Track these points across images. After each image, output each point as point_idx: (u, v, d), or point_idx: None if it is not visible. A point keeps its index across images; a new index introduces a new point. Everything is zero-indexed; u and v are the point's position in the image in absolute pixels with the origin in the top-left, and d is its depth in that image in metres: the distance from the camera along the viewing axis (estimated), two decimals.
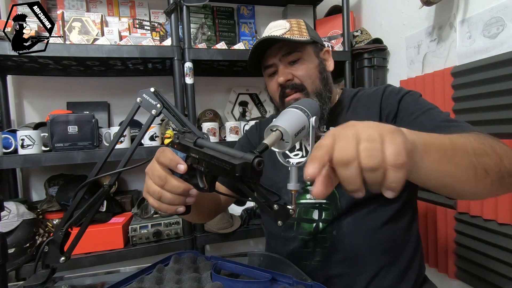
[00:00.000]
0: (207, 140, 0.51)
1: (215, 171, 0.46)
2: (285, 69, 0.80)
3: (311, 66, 0.80)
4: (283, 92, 0.80)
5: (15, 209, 1.16)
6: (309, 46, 0.81)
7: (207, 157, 0.46)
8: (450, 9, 1.16)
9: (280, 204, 0.47)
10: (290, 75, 0.79)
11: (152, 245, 1.31)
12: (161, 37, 1.45)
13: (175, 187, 0.51)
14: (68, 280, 0.68)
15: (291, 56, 0.79)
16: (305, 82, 0.79)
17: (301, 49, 0.80)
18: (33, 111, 1.54)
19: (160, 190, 0.52)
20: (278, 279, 0.58)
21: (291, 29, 0.79)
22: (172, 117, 0.58)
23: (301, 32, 0.80)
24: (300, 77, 0.79)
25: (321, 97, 0.79)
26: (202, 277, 0.59)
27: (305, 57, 0.80)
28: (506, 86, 0.94)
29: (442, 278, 1.18)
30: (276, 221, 0.47)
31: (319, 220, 0.75)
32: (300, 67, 0.80)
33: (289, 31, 0.79)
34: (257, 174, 0.41)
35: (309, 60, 0.81)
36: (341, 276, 0.73)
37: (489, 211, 0.99)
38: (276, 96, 0.83)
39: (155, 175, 0.52)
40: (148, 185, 0.53)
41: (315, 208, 0.76)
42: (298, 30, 0.80)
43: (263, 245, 1.74)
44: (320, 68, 0.82)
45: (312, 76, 0.80)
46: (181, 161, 0.51)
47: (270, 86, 0.84)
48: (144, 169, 0.54)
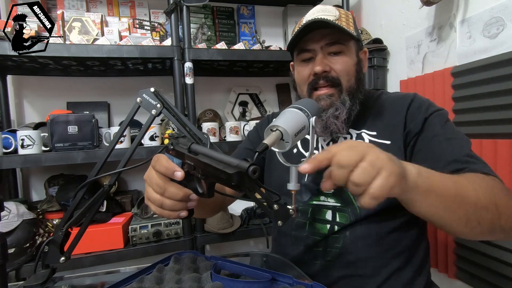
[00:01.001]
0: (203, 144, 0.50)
1: (211, 178, 0.46)
2: (324, 59, 0.74)
3: (350, 62, 0.76)
4: (316, 82, 0.75)
5: (15, 209, 1.16)
6: (352, 41, 0.76)
7: (202, 165, 0.46)
8: (450, 9, 1.16)
9: (280, 204, 0.47)
10: (328, 66, 0.74)
11: (152, 245, 1.31)
12: (161, 37, 1.45)
13: (175, 194, 0.51)
14: (68, 280, 0.68)
15: (335, 46, 0.74)
16: (342, 78, 0.75)
17: (346, 42, 0.75)
18: (33, 111, 1.54)
19: (160, 197, 0.52)
20: (278, 279, 0.58)
21: (340, 18, 0.74)
22: (172, 117, 0.58)
23: (349, 25, 0.74)
24: (338, 71, 0.74)
25: (352, 96, 0.75)
26: (202, 277, 0.59)
27: (346, 52, 0.75)
28: (506, 86, 0.94)
29: (442, 278, 1.18)
30: (276, 221, 0.47)
31: (334, 222, 0.74)
32: (340, 61, 0.75)
33: (338, 20, 0.73)
34: (253, 182, 0.42)
35: (350, 56, 0.76)
36: (349, 278, 0.72)
37: None
38: (304, 84, 0.78)
39: (153, 183, 0.52)
40: (149, 193, 0.53)
41: (328, 209, 0.75)
42: (346, 22, 0.75)
43: (263, 245, 1.74)
44: (358, 67, 0.78)
45: (350, 73, 0.75)
46: (177, 168, 0.51)
47: (301, 73, 0.78)
48: (144, 169, 0.54)
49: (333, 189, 0.47)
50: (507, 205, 0.56)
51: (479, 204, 0.53)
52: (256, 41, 1.62)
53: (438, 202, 0.51)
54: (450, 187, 0.52)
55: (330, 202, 0.76)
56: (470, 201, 0.53)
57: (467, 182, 0.55)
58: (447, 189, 0.52)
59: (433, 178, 0.52)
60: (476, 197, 0.53)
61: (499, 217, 0.54)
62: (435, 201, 0.51)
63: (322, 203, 0.76)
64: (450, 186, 0.52)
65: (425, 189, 0.49)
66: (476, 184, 0.55)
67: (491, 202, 0.54)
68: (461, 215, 0.52)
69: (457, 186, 0.53)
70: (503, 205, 0.55)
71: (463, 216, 0.52)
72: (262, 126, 0.95)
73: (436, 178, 0.52)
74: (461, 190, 0.53)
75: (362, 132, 0.78)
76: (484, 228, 0.54)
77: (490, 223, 0.54)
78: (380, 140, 0.75)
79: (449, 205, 0.52)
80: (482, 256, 1.03)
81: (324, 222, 0.75)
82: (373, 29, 1.61)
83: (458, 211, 0.52)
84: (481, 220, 0.53)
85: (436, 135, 0.69)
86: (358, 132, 0.78)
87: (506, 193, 0.58)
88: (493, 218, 0.54)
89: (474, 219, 0.53)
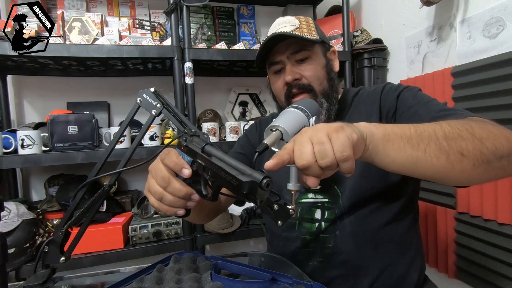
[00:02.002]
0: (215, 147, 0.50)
1: (220, 182, 0.46)
2: (293, 67, 0.78)
3: (319, 66, 0.78)
4: (289, 91, 0.78)
5: (15, 209, 1.16)
6: (317, 45, 0.79)
7: (215, 167, 0.46)
8: (450, 9, 1.16)
9: (280, 204, 0.47)
10: (298, 74, 0.77)
11: (152, 245, 1.31)
12: (161, 37, 1.45)
13: (177, 190, 0.50)
14: (68, 280, 0.68)
15: (300, 54, 0.77)
16: (313, 83, 0.77)
17: (310, 47, 0.77)
18: (33, 111, 1.54)
19: (162, 191, 0.51)
20: (278, 279, 0.58)
21: (300, 26, 0.77)
22: (172, 117, 0.58)
23: (310, 31, 0.78)
24: (308, 77, 0.77)
25: (328, 97, 0.78)
26: (202, 277, 0.59)
27: (313, 57, 0.78)
28: (506, 86, 0.94)
29: (442, 278, 1.18)
30: (276, 221, 0.47)
31: (322, 219, 0.75)
32: (308, 67, 0.77)
33: (298, 29, 0.76)
34: (264, 194, 0.42)
35: (317, 59, 0.79)
36: (343, 277, 0.72)
37: (489, 211, 0.99)
38: (281, 95, 0.81)
39: (158, 175, 0.51)
40: (150, 184, 0.53)
41: (317, 207, 0.76)
42: (307, 28, 0.78)
43: (263, 245, 1.74)
44: (328, 69, 0.80)
45: (320, 77, 0.78)
46: (186, 165, 0.50)
47: (276, 84, 0.82)
48: (144, 169, 0.54)
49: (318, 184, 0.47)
50: (486, 129, 0.52)
51: (450, 135, 0.50)
52: (256, 41, 1.62)
53: (403, 143, 0.49)
54: (409, 129, 0.51)
55: (318, 198, 0.76)
56: (438, 134, 0.50)
57: (431, 123, 0.53)
58: (406, 131, 0.50)
59: (387, 126, 0.51)
60: (443, 131, 0.50)
61: (481, 141, 0.50)
62: (399, 143, 0.49)
63: (311, 200, 0.77)
64: (410, 128, 0.51)
65: (382, 134, 0.49)
66: (443, 122, 0.53)
67: (463, 130, 0.51)
68: (436, 150, 0.49)
69: (418, 126, 0.51)
70: (480, 130, 0.51)
71: (439, 150, 0.49)
72: (251, 131, 0.98)
73: (391, 126, 0.51)
74: (424, 128, 0.51)
75: None
76: (473, 159, 0.50)
77: (475, 151, 0.50)
78: None
79: (416, 143, 0.49)
80: (482, 256, 1.03)
81: (312, 221, 0.76)
82: (373, 29, 1.62)
83: (430, 147, 0.49)
84: (462, 150, 0.49)
85: (411, 106, 0.70)
86: None
87: (483, 121, 0.55)
88: (475, 145, 0.50)
89: (454, 151, 0.49)
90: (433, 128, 0.51)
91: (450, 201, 1.12)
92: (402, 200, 0.74)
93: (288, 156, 0.45)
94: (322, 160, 0.43)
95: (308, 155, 0.44)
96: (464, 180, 0.55)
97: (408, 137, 0.50)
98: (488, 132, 0.52)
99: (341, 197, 0.74)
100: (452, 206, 1.12)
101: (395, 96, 0.74)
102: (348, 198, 0.73)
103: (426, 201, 1.22)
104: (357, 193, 0.72)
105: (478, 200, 1.03)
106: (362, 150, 0.48)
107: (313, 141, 0.44)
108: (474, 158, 0.50)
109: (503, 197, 0.95)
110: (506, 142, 0.52)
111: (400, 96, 0.73)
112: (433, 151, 0.49)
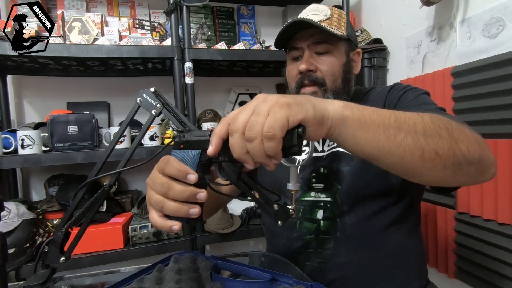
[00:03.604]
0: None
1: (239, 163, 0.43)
2: (310, 58, 0.75)
3: (337, 63, 0.76)
4: (301, 81, 0.76)
5: (15, 209, 1.16)
6: (342, 42, 0.77)
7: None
8: (450, 9, 1.16)
9: (280, 204, 0.47)
10: (313, 66, 0.75)
11: (152, 245, 1.31)
12: (161, 37, 1.45)
13: (180, 192, 0.44)
14: (68, 280, 0.68)
15: (321, 46, 0.75)
16: (326, 78, 0.75)
17: (334, 42, 0.75)
18: (33, 111, 1.54)
19: (162, 199, 0.44)
20: (278, 279, 0.58)
21: (331, 18, 0.75)
22: (172, 117, 0.58)
23: (340, 25, 0.76)
24: (323, 71, 0.75)
25: (337, 97, 0.76)
26: (202, 277, 0.59)
27: (334, 52, 0.76)
28: (506, 86, 0.94)
29: (442, 278, 1.18)
30: (276, 221, 0.47)
31: (322, 218, 0.74)
32: (326, 61, 0.75)
33: (328, 20, 0.74)
34: (301, 142, 0.41)
35: (337, 56, 0.76)
36: (343, 279, 0.71)
37: (489, 211, 0.99)
38: (293, 82, 0.79)
39: (157, 183, 0.45)
40: (150, 196, 0.46)
41: (319, 207, 0.75)
42: (337, 22, 0.76)
43: (263, 245, 1.74)
44: (346, 68, 0.78)
45: (336, 74, 0.76)
46: (190, 170, 0.44)
47: (290, 70, 0.80)
48: (144, 169, 0.54)
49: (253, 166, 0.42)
50: (463, 132, 0.51)
51: (429, 132, 0.48)
52: (256, 41, 1.62)
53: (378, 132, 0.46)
54: (389, 117, 0.47)
55: (321, 197, 0.75)
56: (418, 129, 0.48)
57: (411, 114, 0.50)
58: (385, 119, 0.47)
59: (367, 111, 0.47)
60: (422, 126, 0.48)
61: (456, 143, 0.49)
62: (374, 132, 0.46)
63: (314, 199, 0.76)
64: (389, 117, 0.48)
65: (356, 119, 0.45)
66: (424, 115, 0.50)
67: (442, 128, 0.49)
68: (412, 145, 0.47)
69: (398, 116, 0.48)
70: (458, 131, 0.50)
71: (415, 145, 0.47)
72: None
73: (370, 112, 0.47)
74: (403, 119, 0.48)
75: None
76: (446, 160, 0.48)
77: (449, 151, 0.48)
78: None
79: (392, 135, 0.46)
80: (482, 256, 1.03)
81: (313, 221, 0.75)
82: (373, 29, 1.61)
83: (406, 141, 0.46)
84: (438, 149, 0.47)
85: (408, 105, 0.69)
86: None
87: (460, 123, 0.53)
88: (450, 145, 0.48)
89: (429, 148, 0.47)
90: (413, 121, 0.48)
91: (450, 201, 1.12)
92: (403, 203, 0.73)
93: (225, 129, 0.41)
94: (248, 131, 0.40)
95: (239, 123, 0.40)
96: (429, 179, 0.53)
97: (385, 127, 0.46)
98: (464, 135, 0.51)
99: (338, 192, 0.73)
100: (452, 206, 1.12)
101: (399, 95, 0.73)
102: (345, 194, 0.72)
103: (426, 201, 1.22)
104: (354, 188, 0.72)
105: (478, 200, 1.03)
106: (320, 132, 0.44)
107: (255, 110, 0.41)
108: (446, 158, 0.48)
109: (503, 197, 0.95)
110: (478, 148, 0.51)
111: (403, 95, 0.73)
112: (409, 146, 0.47)
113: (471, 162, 0.50)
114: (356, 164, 0.73)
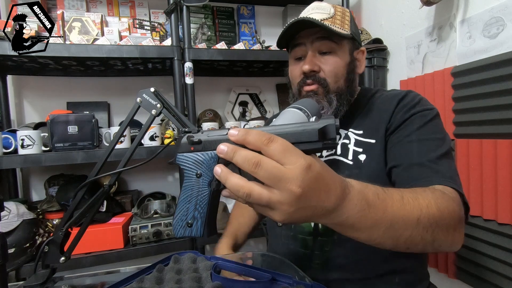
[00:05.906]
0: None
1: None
2: (313, 58, 0.74)
3: (341, 62, 0.75)
4: (304, 81, 0.75)
5: (15, 209, 1.16)
6: (346, 40, 0.75)
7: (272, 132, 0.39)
8: (450, 9, 1.16)
9: None
10: (316, 66, 0.74)
11: (152, 245, 1.31)
12: (161, 37, 1.45)
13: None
14: (68, 280, 0.68)
15: (325, 44, 0.74)
16: (329, 79, 0.74)
17: (337, 40, 0.74)
18: (33, 111, 1.54)
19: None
20: (278, 279, 0.58)
21: (334, 16, 0.73)
22: (172, 117, 0.58)
23: (343, 24, 0.74)
24: (326, 71, 0.74)
25: (340, 97, 0.75)
26: (202, 277, 0.59)
27: (338, 51, 0.75)
28: (506, 86, 0.94)
29: (442, 278, 1.18)
30: (276, 221, 0.47)
31: None
32: (329, 61, 0.74)
33: (331, 18, 0.73)
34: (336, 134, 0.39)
35: (341, 55, 0.75)
36: (340, 282, 0.70)
37: (489, 211, 0.99)
38: (295, 82, 0.78)
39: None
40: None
41: None
42: (341, 21, 0.74)
43: (263, 245, 1.74)
44: (349, 68, 0.77)
45: (338, 74, 0.75)
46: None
47: (293, 71, 0.79)
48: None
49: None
50: (448, 227, 0.51)
51: (414, 238, 0.48)
52: (256, 41, 1.62)
53: (381, 231, 0.44)
54: (390, 217, 0.45)
55: None
56: (405, 232, 0.47)
57: (420, 204, 0.49)
58: (388, 219, 0.45)
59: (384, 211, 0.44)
60: (413, 229, 0.47)
61: (432, 243, 0.50)
62: (377, 231, 0.44)
63: None
64: (403, 208, 0.47)
65: (372, 221, 0.43)
66: (422, 217, 0.48)
67: (429, 231, 0.49)
68: (397, 237, 0.47)
69: (396, 213, 0.46)
70: (444, 227, 0.51)
71: (397, 238, 0.47)
72: None
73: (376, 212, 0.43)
74: (401, 215, 0.46)
75: (349, 131, 0.77)
76: (415, 250, 0.50)
77: (421, 246, 0.50)
78: (365, 139, 0.74)
79: (383, 231, 0.45)
80: (482, 256, 1.03)
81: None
82: (373, 29, 1.62)
83: (387, 234, 0.45)
84: (411, 246, 0.49)
85: (409, 135, 0.67)
86: (346, 132, 0.78)
87: (458, 205, 0.54)
88: (425, 244, 0.50)
89: (403, 245, 0.48)
90: (406, 226, 0.47)
91: None
92: None
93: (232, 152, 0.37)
94: (253, 170, 0.35)
95: (247, 161, 0.36)
96: (379, 247, 0.50)
97: (379, 226, 0.44)
98: (446, 232, 0.51)
99: None
100: None
101: (405, 117, 0.70)
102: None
103: None
104: None
105: (478, 200, 1.03)
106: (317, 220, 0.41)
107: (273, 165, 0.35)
108: (415, 249, 0.50)
109: (503, 197, 0.95)
110: (450, 243, 0.53)
111: (409, 119, 0.70)
112: (394, 237, 0.46)
113: (437, 251, 0.52)
114: (353, 171, 0.72)
